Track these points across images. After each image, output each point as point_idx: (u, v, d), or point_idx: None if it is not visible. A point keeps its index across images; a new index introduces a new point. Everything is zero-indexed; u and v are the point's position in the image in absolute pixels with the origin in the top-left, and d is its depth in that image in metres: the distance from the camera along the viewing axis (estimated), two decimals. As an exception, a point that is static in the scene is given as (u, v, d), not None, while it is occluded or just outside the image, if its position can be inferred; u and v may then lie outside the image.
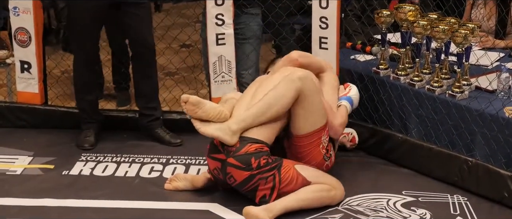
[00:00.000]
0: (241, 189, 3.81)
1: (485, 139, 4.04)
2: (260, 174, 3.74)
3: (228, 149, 3.78)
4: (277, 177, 3.76)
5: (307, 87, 3.82)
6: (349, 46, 5.06)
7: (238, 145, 3.77)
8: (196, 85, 5.36)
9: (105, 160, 4.40)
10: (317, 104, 3.87)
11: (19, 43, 4.80)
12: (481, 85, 4.29)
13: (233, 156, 3.76)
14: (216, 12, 4.70)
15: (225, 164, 3.78)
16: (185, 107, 3.80)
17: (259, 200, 3.79)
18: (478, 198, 3.98)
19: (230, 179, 3.80)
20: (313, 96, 3.85)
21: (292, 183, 3.78)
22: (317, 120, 3.89)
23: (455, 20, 4.34)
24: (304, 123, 3.87)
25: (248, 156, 3.74)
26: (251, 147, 3.76)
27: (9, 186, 4.08)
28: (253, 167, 3.73)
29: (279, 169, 3.77)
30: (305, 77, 3.84)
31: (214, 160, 3.84)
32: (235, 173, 3.76)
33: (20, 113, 4.84)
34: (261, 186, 3.76)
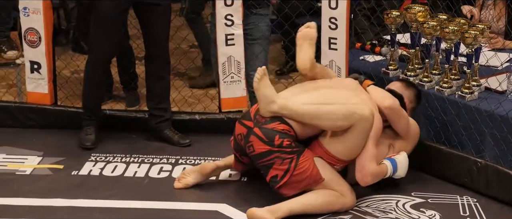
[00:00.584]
0: (257, 161, 3.78)
1: (494, 139, 4.03)
2: (279, 153, 3.72)
3: (258, 119, 3.79)
4: (294, 162, 3.73)
5: (361, 127, 3.74)
6: (359, 47, 5.06)
7: (268, 118, 3.76)
8: (205, 85, 5.37)
9: (115, 160, 4.41)
10: (354, 142, 3.78)
11: (29, 44, 4.81)
12: (491, 86, 4.28)
13: (259, 127, 3.76)
14: (226, 13, 4.70)
15: (250, 132, 3.78)
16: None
17: (270, 179, 3.76)
18: (488, 199, 3.97)
19: (249, 148, 3.77)
20: (358, 135, 3.76)
21: (306, 173, 3.74)
22: (344, 151, 3.81)
23: (464, 20, 4.33)
24: (333, 142, 3.80)
25: (274, 133, 3.72)
26: (280, 125, 3.74)
27: (19, 186, 4.09)
28: (275, 144, 3.71)
29: (299, 155, 3.74)
30: (366, 119, 3.74)
31: (242, 125, 3.86)
32: (256, 143, 3.74)
33: (30, 113, 4.85)
34: (276, 165, 3.73)
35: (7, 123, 4.85)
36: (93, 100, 4.59)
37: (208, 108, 5.09)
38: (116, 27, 4.48)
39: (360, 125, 3.74)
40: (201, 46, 5.83)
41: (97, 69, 4.53)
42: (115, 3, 4.38)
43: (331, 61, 4.66)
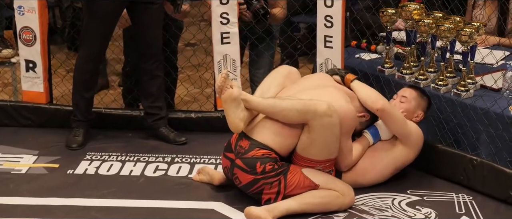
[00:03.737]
0: (246, 191, 3.82)
1: (490, 137, 4.04)
2: (264, 179, 3.74)
3: (238, 150, 3.79)
4: (282, 182, 3.74)
5: (320, 123, 3.70)
6: (354, 44, 5.06)
7: (247, 147, 3.77)
8: (201, 84, 5.36)
9: (110, 159, 4.41)
10: (322, 140, 3.75)
11: (24, 42, 4.81)
12: (486, 84, 4.29)
13: (240, 158, 3.77)
14: (221, 11, 4.70)
15: (233, 165, 3.80)
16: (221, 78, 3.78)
17: (264, 203, 3.78)
18: (483, 197, 3.97)
19: (236, 180, 3.81)
20: (323, 131, 3.72)
21: (299, 187, 3.75)
22: (315, 153, 3.78)
23: (460, 18, 4.33)
24: (304, 147, 3.79)
25: (254, 160, 3.74)
26: (259, 151, 3.75)
27: (14, 185, 4.08)
28: (258, 171, 3.73)
29: (285, 174, 3.75)
30: (323, 114, 3.69)
31: (226, 158, 3.87)
32: (240, 175, 3.77)
33: (25, 112, 4.84)
34: (266, 190, 3.76)
35: (2, 121, 4.84)
36: (84, 100, 4.57)
37: (203, 107, 5.09)
38: (110, 26, 4.48)
39: (317, 122, 3.70)
40: None
41: (87, 68, 4.52)
42: (111, 2, 4.37)
43: (327, 60, 4.66)
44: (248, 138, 3.81)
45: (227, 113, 3.78)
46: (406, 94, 4.15)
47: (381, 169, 4.02)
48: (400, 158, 4.03)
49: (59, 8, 6.82)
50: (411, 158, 4.06)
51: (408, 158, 4.05)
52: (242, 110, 3.78)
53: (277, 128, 3.79)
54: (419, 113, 4.13)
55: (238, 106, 3.77)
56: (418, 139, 4.04)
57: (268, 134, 3.79)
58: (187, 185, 4.11)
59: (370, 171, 4.00)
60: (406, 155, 4.04)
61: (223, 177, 4.03)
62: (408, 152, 4.03)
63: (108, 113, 4.85)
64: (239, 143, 3.82)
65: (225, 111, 3.79)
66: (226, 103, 3.77)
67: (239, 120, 3.78)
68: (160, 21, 4.57)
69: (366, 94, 4.02)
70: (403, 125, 3.99)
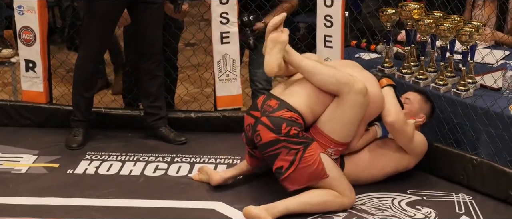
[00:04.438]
0: (263, 151, 3.77)
1: (490, 137, 4.04)
2: (285, 142, 3.70)
3: (265, 109, 3.79)
4: (300, 153, 3.71)
5: (351, 99, 3.75)
6: (354, 44, 5.06)
7: (275, 106, 3.76)
8: (200, 83, 5.36)
9: (110, 158, 4.41)
10: (346, 118, 3.78)
11: (24, 42, 4.80)
12: (486, 83, 4.29)
13: (267, 116, 3.75)
14: (221, 11, 4.70)
15: (258, 122, 3.77)
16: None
17: (275, 170, 3.75)
18: (483, 196, 3.97)
19: (257, 137, 3.76)
20: (350, 109, 3.77)
21: (311, 167, 3.72)
22: (336, 130, 3.80)
23: (460, 18, 4.33)
24: (325, 121, 3.81)
25: (281, 120, 3.72)
26: (287, 113, 3.74)
27: (14, 185, 4.08)
28: (282, 132, 3.70)
29: (305, 147, 3.72)
30: (356, 92, 3.75)
31: (250, 116, 3.86)
32: (263, 132, 3.73)
33: (25, 112, 4.84)
34: (282, 155, 3.72)
35: (2, 121, 4.84)
36: (84, 100, 4.57)
37: (203, 107, 5.09)
38: (110, 26, 4.48)
39: (350, 97, 3.74)
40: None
41: (87, 67, 4.51)
42: (111, 2, 4.37)
43: (327, 59, 4.66)
44: (277, 99, 3.81)
45: (269, 52, 3.81)
46: (410, 97, 4.16)
47: (383, 166, 4.02)
48: (402, 161, 4.05)
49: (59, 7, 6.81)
50: (412, 165, 4.09)
51: (409, 164, 4.08)
52: (282, 57, 3.81)
53: (308, 93, 3.81)
54: (421, 115, 4.13)
55: (281, 51, 3.81)
56: (422, 151, 4.08)
57: (298, 98, 3.79)
58: (187, 185, 4.11)
59: (372, 166, 4.00)
60: (408, 161, 4.06)
61: (221, 178, 4.02)
62: (410, 159, 4.06)
63: (108, 112, 4.84)
64: (267, 102, 3.82)
65: (267, 50, 3.82)
66: (272, 43, 3.80)
67: (277, 64, 3.80)
68: (160, 21, 4.57)
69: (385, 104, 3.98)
70: (409, 141, 3.99)
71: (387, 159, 4.02)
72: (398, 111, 3.96)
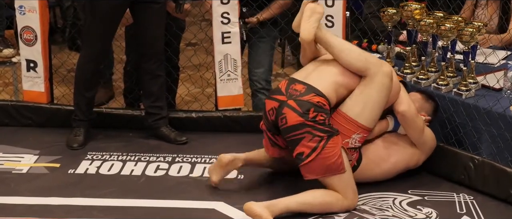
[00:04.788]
0: (287, 134, 3.74)
1: (491, 137, 4.03)
2: (311, 127, 3.69)
3: (291, 93, 3.77)
4: (323, 142, 3.69)
5: (378, 81, 3.78)
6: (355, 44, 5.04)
7: (303, 90, 3.75)
8: (201, 83, 5.36)
9: (111, 158, 4.41)
10: (373, 100, 3.80)
11: (25, 42, 4.81)
12: (488, 83, 4.28)
13: (294, 99, 3.74)
14: (222, 11, 4.70)
15: (284, 105, 3.75)
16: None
17: (296, 156, 3.73)
18: (484, 196, 3.97)
19: (282, 120, 3.74)
20: (376, 91, 3.79)
21: (331, 159, 3.70)
22: (362, 113, 3.81)
23: (461, 18, 4.33)
24: (352, 105, 3.81)
25: (309, 105, 3.71)
26: (315, 98, 3.73)
27: (15, 185, 4.08)
28: (309, 116, 3.69)
29: (329, 137, 3.71)
30: (384, 74, 3.79)
31: (274, 100, 3.82)
32: (289, 115, 3.71)
33: (26, 112, 4.84)
34: (305, 141, 3.69)
35: (3, 121, 4.84)
36: (85, 99, 4.56)
37: (204, 107, 5.09)
38: (112, 25, 4.47)
39: (377, 78, 3.77)
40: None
41: (89, 67, 4.51)
42: (114, 1, 4.37)
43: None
44: (303, 83, 3.80)
45: (307, 20, 3.82)
46: (411, 96, 4.14)
47: (396, 161, 4.02)
48: (413, 157, 4.06)
49: (60, 7, 6.82)
50: (421, 161, 4.10)
51: (419, 160, 4.09)
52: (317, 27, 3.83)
53: (332, 77, 3.82)
54: (423, 113, 4.13)
55: (317, 21, 3.83)
56: (432, 147, 4.10)
57: (324, 82, 3.80)
58: (188, 185, 4.10)
59: (386, 161, 4.00)
60: (418, 157, 4.07)
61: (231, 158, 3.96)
62: (420, 155, 4.07)
63: (109, 112, 4.84)
64: (293, 87, 3.80)
65: (305, 18, 3.83)
66: (310, 11, 3.83)
67: (313, 30, 3.82)
68: (162, 21, 4.57)
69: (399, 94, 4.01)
70: (420, 134, 4.01)
71: (400, 154, 4.03)
72: (410, 102, 3.98)
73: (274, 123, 3.81)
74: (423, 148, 4.06)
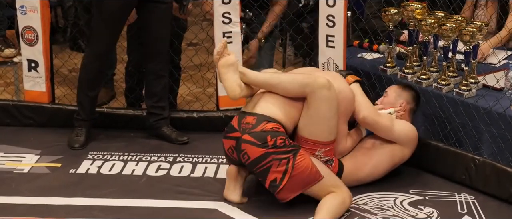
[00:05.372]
0: (254, 168, 3.75)
1: (492, 137, 4.03)
2: (274, 154, 3.68)
3: (243, 127, 3.76)
4: (291, 162, 3.69)
5: (319, 95, 3.75)
6: (356, 44, 5.06)
7: (254, 121, 3.74)
8: (203, 83, 5.36)
9: (112, 158, 4.41)
10: (321, 115, 3.78)
11: (26, 42, 4.81)
12: (489, 83, 4.28)
13: (248, 133, 3.73)
14: (223, 11, 4.70)
15: (240, 141, 3.74)
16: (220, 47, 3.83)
17: (269, 185, 3.73)
18: (485, 196, 3.97)
19: (244, 156, 3.74)
20: (321, 105, 3.76)
21: (305, 173, 3.71)
22: (316, 131, 3.80)
23: (462, 18, 4.33)
24: (304, 125, 3.81)
25: (264, 134, 3.70)
26: (267, 125, 3.73)
27: (16, 185, 4.08)
28: (269, 145, 3.68)
29: (295, 154, 3.71)
30: (322, 86, 3.75)
31: (229, 139, 3.81)
32: (249, 149, 3.71)
33: (27, 112, 4.84)
34: (273, 168, 3.70)
35: (4, 121, 4.84)
36: (88, 99, 4.55)
37: (206, 106, 5.09)
38: (118, 25, 4.45)
39: (318, 93, 3.74)
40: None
41: (94, 66, 4.50)
42: (120, 1, 4.35)
43: (329, 59, 4.66)
44: (252, 114, 3.79)
45: (224, 78, 3.80)
46: (388, 90, 4.21)
47: (377, 161, 4.01)
48: (395, 153, 4.05)
49: (61, 7, 6.82)
50: (407, 155, 4.08)
51: (404, 155, 4.07)
52: (239, 77, 3.81)
53: (280, 101, 3.81)
54: (401, 102, 4.13)
55: (235, 72, 3.80)
56: (410, 138, 4.07)
57: (272, 107, 3.79)
58: (189, 185, 4.10)
59: (367, 163, 4.00)
60: (400, 151, 4.06)
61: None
62: (403, 149, 4.06)
63: (110, 112, 4.84)
64: (244, 121, 3.79)
65: (222, 77, 3.81)
66: (223, 68, 3.79)
67: (237, 85, 3.80)
68: (168, 21, 4.55)
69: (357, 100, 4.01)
70: (389, 132, 4.01)
71: (380, 154, 4.03)
72: (367, 105, 4.00)
73: (237, 161, 3.81)
74: (401, 142, 4.04)
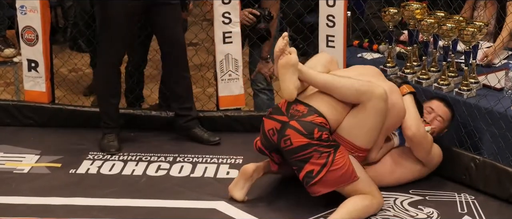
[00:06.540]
0: (292, 155, 3.71)
1: (493, 137, 4.03)
2: (317, 146, 3.67)
3: (292, 113, 3.74)
4: (331, 156, 3.68)
5: (372, 105, 3.71)
6: (356, 44, 5.06)
7: (305, 111, 3.72)
8: (203, 83, 5.36)
9: (112, 158, 4.40)
10: (367, 125, 3.75)
11: (26, 42, 4.81)
12: (489, 83, 4.28)
13: (297, 120, 3.71)
14: (223, 11, 4.70)
15: (286, 126, 3.72)
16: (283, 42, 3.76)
17: (305, 175, 3.70)
18: (486, 196, 3.97)
19: (286, 141, 3.71)
20: (371, 115, 3.73)
21: (342, 169, 3.69)
22: (357, 136, 3.78)
23: (462, 18, 4.33)
24: (348, 125, 3.78)
25: (313, 125, 3.68)
26: (318, 118, 3.70)
27: (17, 185, 4.08)
28: (315, 137, 3.67)
29: (336, 150, 3.70)
30: (378, 97, 3.71)
31: (274, 120, 3.78)
32: (293, 136, 3.69)
33: (27, 112, 4.84)
34: (313, 159, 3.68)
35: (4, 121, 4.84)
36: (112, 106, 4.51)
37: (206, 106, 5.09)
38: (129, 28, 4.40)
39: (372, 102, 3.70)
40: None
41: (110, 72, 4.45)
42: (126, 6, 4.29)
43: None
44: (305, 104, 3.76)
45: (283, 79, 3.74)
46: (443, 115, 4.13)
47: (399, 176, 4.01)
48: (419, 173, 4.05)
49: (61, 7, 6.82)
50: (425, 175, 4.09)
51: (424, 174, 4.08)
52: (297, 78, 3.75)
53: (332, 101, 3.77)
54: (445, 131, 4.15)
55: (295, 73, 3.74)
56: (438, 162, 4.08)
57: (325, 104, 3.75)
58: (189, 185, 4.10)
59: (389, 176, 4.00)
60: (423, 172, 4.07)
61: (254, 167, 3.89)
62: (425, 170, 4.07)
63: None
64: (294, 107, 3.76)
65: (281, 76, 3.75)
66: (284, 68, 3.73)
67: (294, 87, 3.75)
68: (179, 20, 4.50)
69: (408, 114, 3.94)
70: (427, 154, 3.99)
71: (404, 170, 4.02)
72: (418, 124, 3.93)
73: (274, 144, 3.78)
74: (429, 165, 4.05)
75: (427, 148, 3.97)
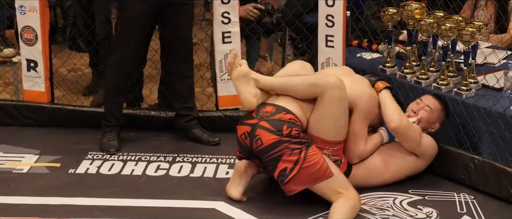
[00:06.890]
0: (265, 155, 3.73)
1: (492, 137, 4.04)
2: (288, 143, 3.69)
3: (261, 115, 3.78)
4: (303, 153, 3.69)
5: (329, 95, 3.74)
6: (356, 44, 5.06)
7: (273, 110, 3.76)
8: (202, 83, 5.36)
9: (112, 158, 4.41)
10: (330, 115, 3.78)
11: (25, 42, 4.81)
12: (488, 83, 4.28)
13: (266, 120, 3.75)
14: (222, 10, 4.70)
15: (256, 127, 3.75)
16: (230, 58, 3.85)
17: (279, 174, 3.72)
18: (485, 196, 3.97)
19: (257, 142, 3.74)
20: (332, 106, 3.77)
21: (316, 166, 3.70)
22: (324, 129, 3.80)
23: (462, 18, 4.33)
24: (313, 123, 3.81)
25: (281, 122, 3.72)
26: (286, 115, 3.74)
27: (16, 184, 4.08)
28: (284, 133, 3.70)
29: (308, 147, 3.71)
30: (332, 86, 3.74)
31: (245, 125, 3.82)
32: (263, 135, 3.72)
33: (27, 112, 4.84)
34: (285, 156, 3.70)
35: (4, 121, 4.84)
36: (117, 105, 4.52)
37: (205, 106, 5.09)
38: (144, 28, 4.43)
39: (328, 92, 3.74)
40: None
41: (121, 72, 4.45)
42: (145, 5, 4.32)
43: (328, 59, 4.66)
44: (273, 105, 3.81)
45: (239, 90, 3.83)
46: (431, 105, 4.12)
47: (394, 172, 4.01)
48: (414, 166, 4.05)
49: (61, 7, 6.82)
50: (423, 168, 4.09)
51: (420, 168, 4.08)
52: (253, 87, 3.83)
53: (298, 100, 3.81)
54: (437, 125, 4.13)
55: (248, 82, 3.82)
56: (432, 153, 4.08)
57: (292, 103, 3.80)
58: (189, 184, 4.11)
59: (384, 173, 4.00)
60: (419, 165, 4.07)
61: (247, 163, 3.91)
62: (421, 163, 4.07)
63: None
64: (263, 109, 3.80)
65: (237, 88, 3.84)
66: (237, 80, 3.82)
67: (252, 96, 3.82)
68: (191, 21, 4.53)
69: (386, 109, 3.99)
70: (416, 145, 4.00)
71: (399, 164, 4.02)
72: (400, 115, 3.96)
73: (248, 147, 3.80)
74: (424, 157, 4.05)
75: (416, 138, 3.97)
